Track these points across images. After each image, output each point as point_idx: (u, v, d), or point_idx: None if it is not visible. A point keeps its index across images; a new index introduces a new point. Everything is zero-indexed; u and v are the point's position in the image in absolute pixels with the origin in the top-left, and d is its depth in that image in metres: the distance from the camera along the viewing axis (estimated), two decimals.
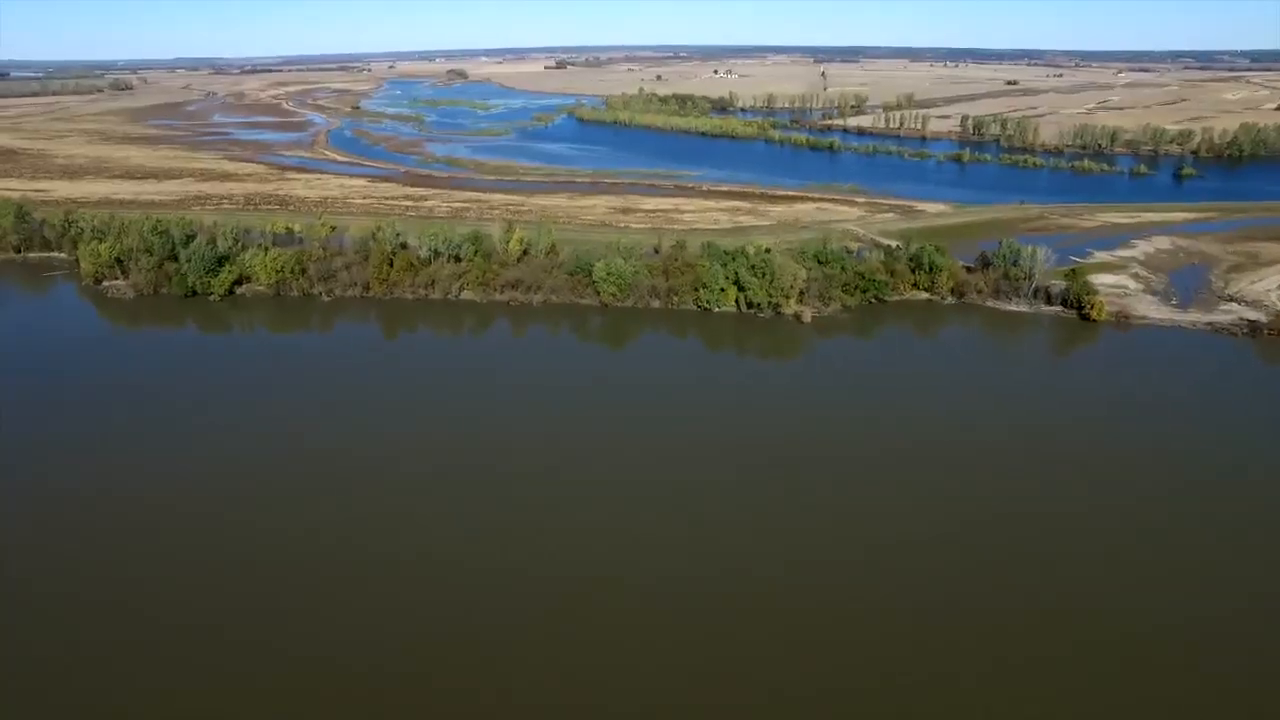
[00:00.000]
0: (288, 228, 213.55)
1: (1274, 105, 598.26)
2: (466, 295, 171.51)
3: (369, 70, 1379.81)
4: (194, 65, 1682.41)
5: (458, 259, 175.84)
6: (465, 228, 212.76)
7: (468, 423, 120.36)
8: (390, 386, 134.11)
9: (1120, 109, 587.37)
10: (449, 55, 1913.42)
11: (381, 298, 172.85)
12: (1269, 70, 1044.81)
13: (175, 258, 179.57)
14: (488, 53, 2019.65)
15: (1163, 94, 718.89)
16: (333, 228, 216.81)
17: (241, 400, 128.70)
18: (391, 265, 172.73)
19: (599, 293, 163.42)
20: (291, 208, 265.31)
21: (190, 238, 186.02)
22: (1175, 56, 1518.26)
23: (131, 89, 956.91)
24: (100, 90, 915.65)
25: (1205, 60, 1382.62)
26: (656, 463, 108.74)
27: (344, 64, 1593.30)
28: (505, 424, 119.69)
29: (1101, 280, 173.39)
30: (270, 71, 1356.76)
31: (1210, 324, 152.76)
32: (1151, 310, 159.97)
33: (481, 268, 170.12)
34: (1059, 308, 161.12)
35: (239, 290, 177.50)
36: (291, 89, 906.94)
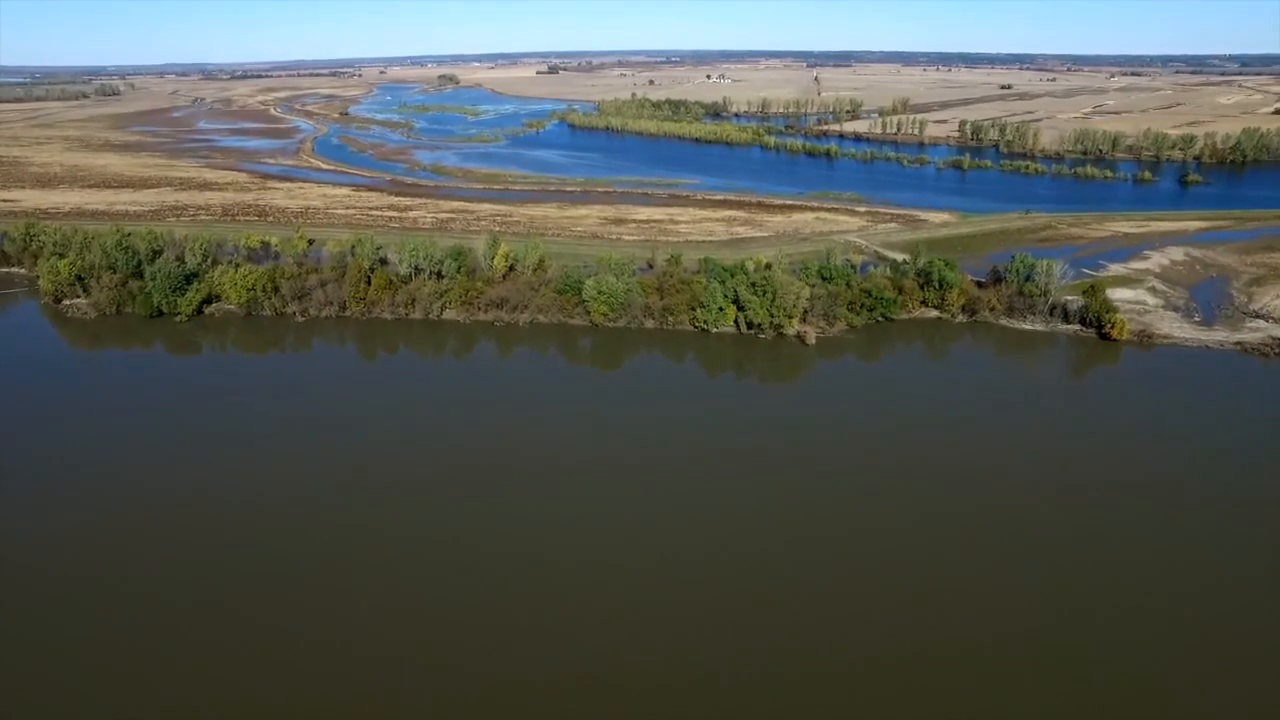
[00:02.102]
0: (263, 241, 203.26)
1: (1270, 109, 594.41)
2: (449, 315, 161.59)
3: (360, 75, 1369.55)
4: (184, 71, 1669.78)
5: (440, 276, 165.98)
6: (450, 240, 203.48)
7: (450, 450, 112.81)
8: (367, 414, 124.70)
9: (1117, 113, 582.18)
10: (441, 60, 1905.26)
11: (359, 318, 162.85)
12: (1260, 74, 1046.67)
13: (141, 275, 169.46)
14: (480, 58, 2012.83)
15: (1157, 98, 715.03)
16: (310, 241, 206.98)
17: (199, 428, 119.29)
18: (369, 283, 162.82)
19: (589, 312, 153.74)
20: (271, 219, 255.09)
21: (157, 253, 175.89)
22: (1166, 61, 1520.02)
23: (119, 94, 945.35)
24: (86, 96, 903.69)
25: (1196, 64, 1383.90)
26: (651, 493, 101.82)
27: (335, 69, 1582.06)
28: (490, 451, 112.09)
29: (1118, 295, 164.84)
30: (260, 77, 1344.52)
31: (1239, 343, 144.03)
32: (1174, 328, 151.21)
33: (465, 286, 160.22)
34: (1077, 326, 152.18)
35: (208, 310, 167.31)
36: (280, 95, 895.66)
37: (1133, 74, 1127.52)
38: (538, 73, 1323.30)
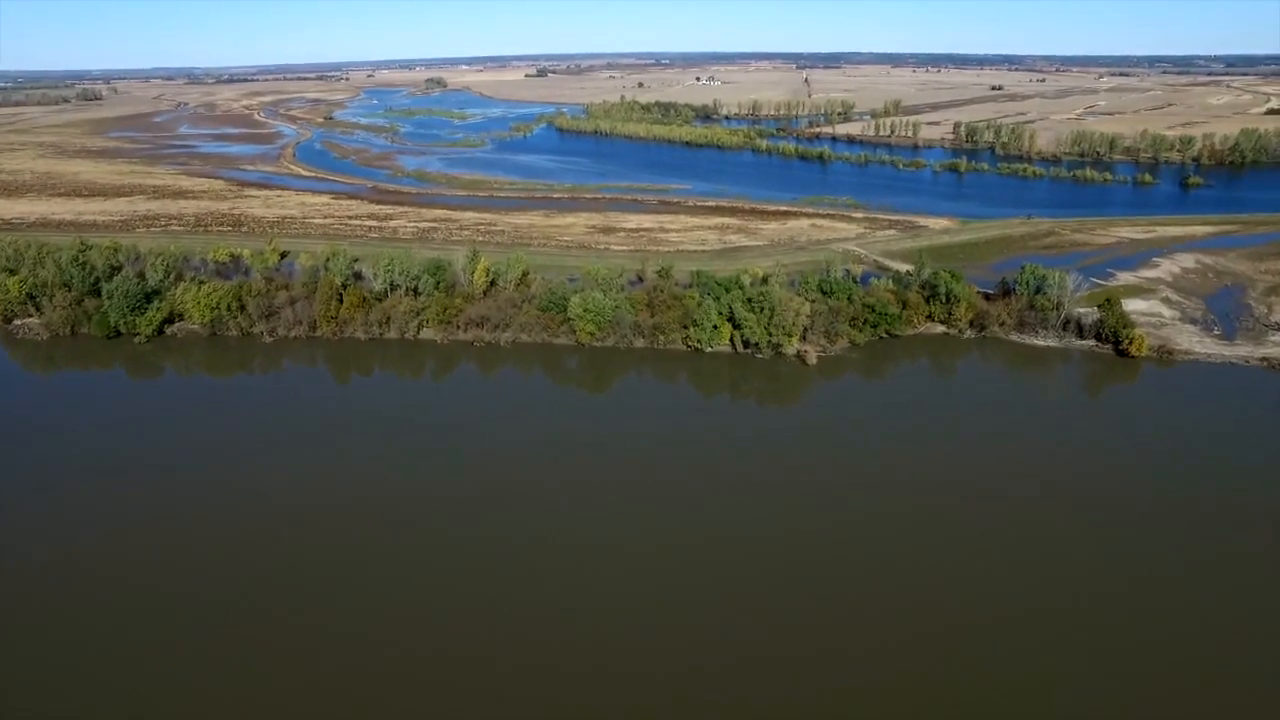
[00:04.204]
0: (232, 254, 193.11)
1: (1262, 110, 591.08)
2: (426, 334, 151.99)
3: (347, 79, 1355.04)
4: (170, 75, 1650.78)
5: (416, 292, 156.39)
6: (430, 251, 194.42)
7: (428, 479, 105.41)
8: (339, 440, 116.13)
9: (1109, 114, 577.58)
10: (429, 64, 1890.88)
11: (330, 338, 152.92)
12: (1246, 74, 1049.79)
13: (98, 293, 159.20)
14: (468, 61, 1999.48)
15: (1148, 99, 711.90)
16: (283, 254, 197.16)
17: (159, 456, 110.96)
18: (341, 301, 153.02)
19: (575, 331, 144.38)
20: (245, 229, 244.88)
21: (116, 269, 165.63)
22: (1153, 61, 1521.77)
23: (100, 99, 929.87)
24: (67, 101, 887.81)
25: (1183, 65, 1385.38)
26: (645, 523, 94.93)
27: (323, 73, 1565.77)
28: (471, 480, 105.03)
29: (1131, 306, 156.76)
30: (246, 81, 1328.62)
31: (1265, 359, 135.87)
32: (1195, 343, 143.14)
33: (443, 303, 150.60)
34: (1092, 341, 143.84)
35: (169, 330, 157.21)
36: (265, 99, 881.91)
37: (1121, 74, 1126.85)
38: (526, 75, 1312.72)
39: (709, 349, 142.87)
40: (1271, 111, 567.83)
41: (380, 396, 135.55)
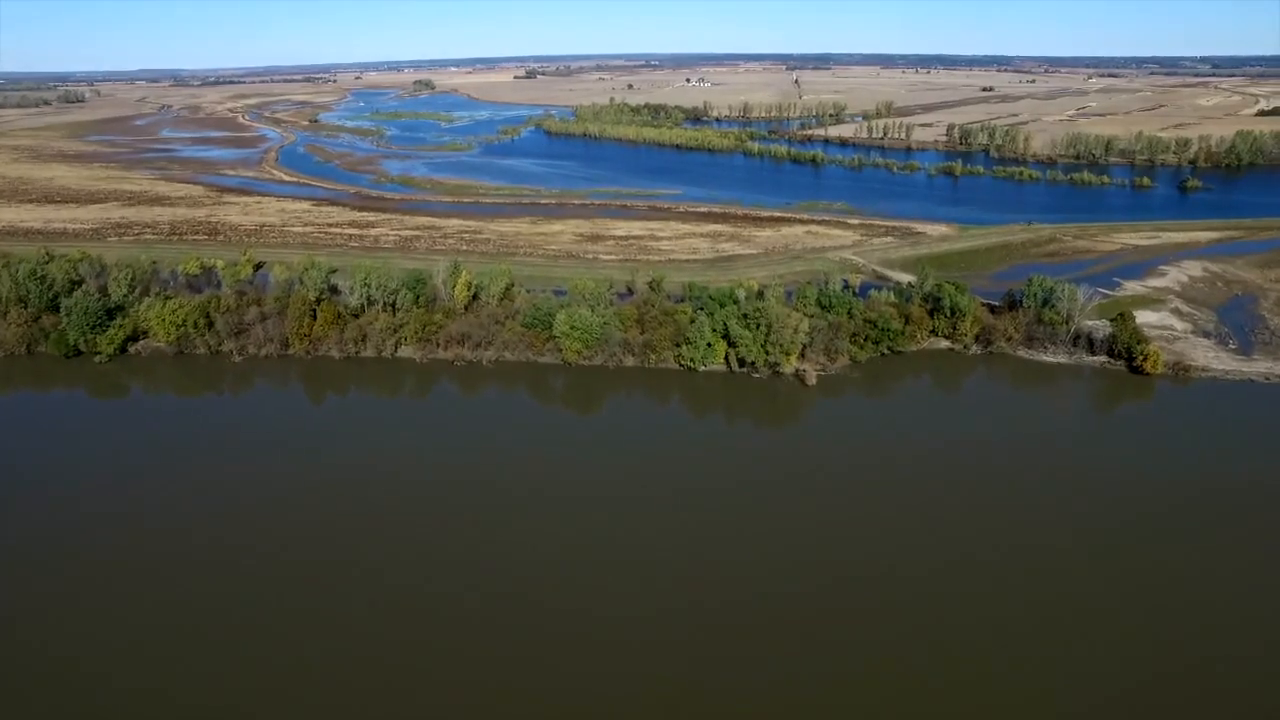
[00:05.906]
0: (204, 266, 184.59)
1: (1252, 111, 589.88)
2: (404, 352, 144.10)
3: (334, 81, 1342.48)
4: (155, 78, 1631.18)
5: (394, 307, 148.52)
6: (412, 262, 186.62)
7: (407, 506, 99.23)
8: (313, 466, 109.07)
9: (1101, 115, 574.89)
10: (418, 66, 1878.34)
11: (303, 356, 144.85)
12: (1233, 75, 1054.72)
13: (57, 309, 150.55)
14: (457, 63, 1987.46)
15: (1138, 100, 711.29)
16: (258, 266, 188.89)
17: (117, 484, 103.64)
18: (315, 317, 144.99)
19: (561, 349, 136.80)
20: (221, 238, 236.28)
21: (76, 283, 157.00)
22: (1140, 63, 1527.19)
23: (83, 101, 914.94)
24: (48, 103, 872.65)
25: (1169, 66, 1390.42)
26: (637, 553, 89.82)
27: (310, 75, 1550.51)
28: (453, 507, 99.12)
29: (1141, 319, 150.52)
30: (232, 83, 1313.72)
31: None
32: (1211, 358, 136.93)
33: (422, 320, 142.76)
34: (1104, 357, 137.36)
35: (133, 348, 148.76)
36: (251, 101, 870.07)
37: (1110, 75, 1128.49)
38: (515, 78, 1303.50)
39: (703, 368, 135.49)
40: (1263, 113, 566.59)
41: (355, 419, 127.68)
